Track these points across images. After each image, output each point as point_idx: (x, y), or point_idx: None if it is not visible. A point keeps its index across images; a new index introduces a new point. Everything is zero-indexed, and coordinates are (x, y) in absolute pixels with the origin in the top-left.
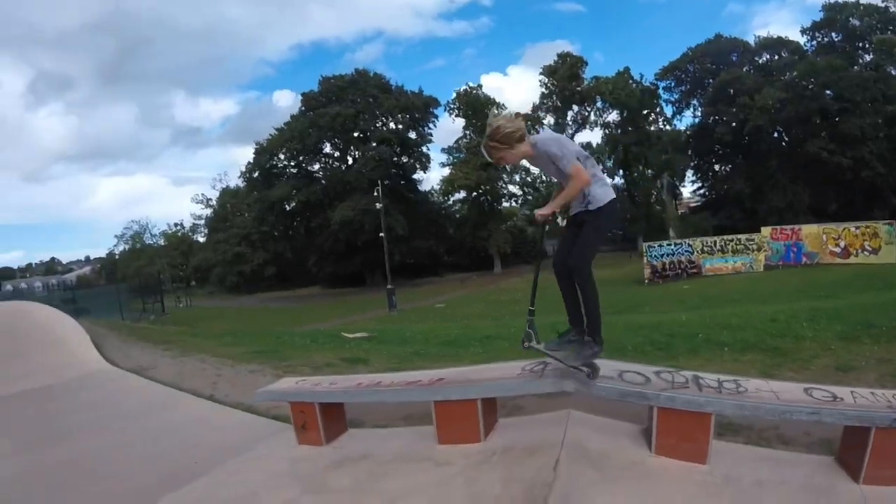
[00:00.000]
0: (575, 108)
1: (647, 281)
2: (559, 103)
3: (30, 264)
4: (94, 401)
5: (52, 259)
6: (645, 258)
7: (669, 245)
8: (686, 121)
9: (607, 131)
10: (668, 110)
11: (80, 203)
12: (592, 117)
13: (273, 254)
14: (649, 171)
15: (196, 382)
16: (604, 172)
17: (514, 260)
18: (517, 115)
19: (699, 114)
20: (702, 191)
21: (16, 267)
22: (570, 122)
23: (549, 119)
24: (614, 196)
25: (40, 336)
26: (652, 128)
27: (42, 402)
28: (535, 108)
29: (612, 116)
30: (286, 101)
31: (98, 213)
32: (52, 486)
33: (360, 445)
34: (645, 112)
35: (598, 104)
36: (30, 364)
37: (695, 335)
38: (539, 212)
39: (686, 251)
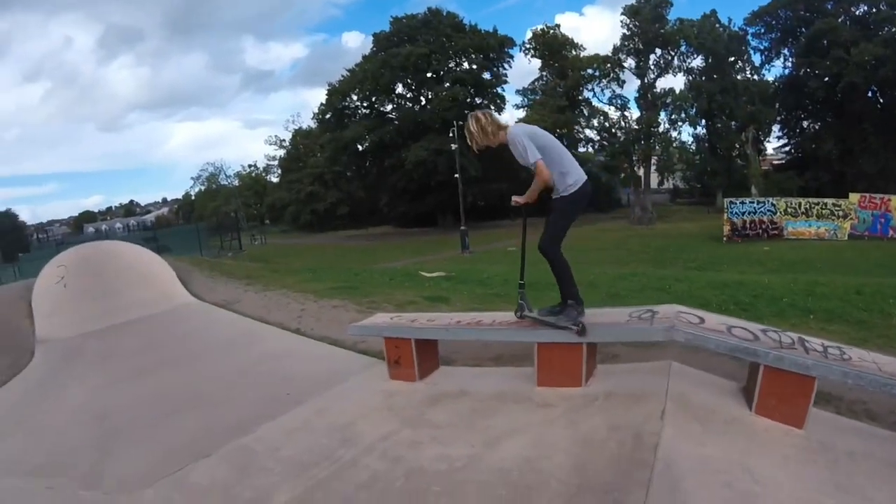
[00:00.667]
0: (658, 51)
1: (725, 238)
2: (641, 45)
3: (110, 208)
4: (186, 332)
5: (131, 202)
6: (725, 214)
7: (752, 203)
8: (775, 71)
9: (691, 78)
10: (756, 59)
11: (156, 148)
12: (676, 62)
13: (345, 193)
14: (733, 122)
15: (281, 316)
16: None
17: (587, 207)
18: (490, 110)
19: (789, 65)
20: (787, 148)
21: (97, 210)
22: (652, 66)
23: (631, 62)
24: (584, 182)
25: (130, 273)
26: (738, 77)
27: (139, 334)
28: (616, 50)
29: (697, 62)
30: (355, 43)
31: (174, 157)
32: (158, 413)
33: (455, 383)
34: (731, 59)
35: (682, 48)
36: (123, 299)
37: (779, 299)
38: (515, 199)
39: (769, 211)
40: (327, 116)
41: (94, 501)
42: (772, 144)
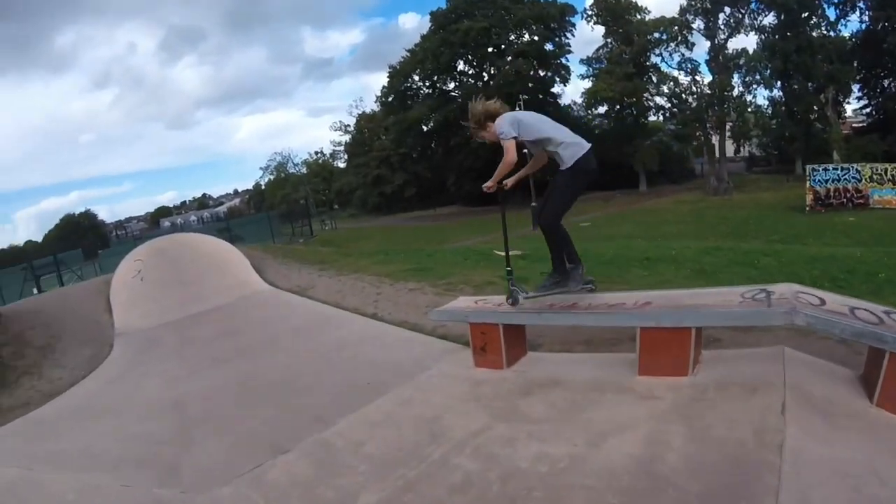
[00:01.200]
0: (727, 9)
1: (808, 208)
2: (709, 4)
3: (184, 202)
4: (262, 320)
5: (204, 195)
6: (808, 182)
7: (835, 169)
8: (851, 26)
9: (763, 37)
10: (831, 13)
11: (225, 142)
12: (746, 20)
13: (412, 174)
14: (810, 83)
15: (357, 301)
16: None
17: (659, 178)
18: (488, 100)
19: (866, 18)
20: (867, 110)
21: (171, 205)
22: (722, 26)
23: (699, 23)
24: (584, 153)
25: (205, 263)
26: (814, 34)
27: (216, 323)
28: (683, 11)
29: (769, 19)
30: (412, 24)
31: (242, 149)
32: (236, 403)
33: (546, 370)
34: (805, 15)
35: (753, 5)
36: (199, 289)
37: (875, 274)
38: (485, 185)
39: (853, 178)
40: (390, 99)
41: (171, 501)
42: (851, 106)
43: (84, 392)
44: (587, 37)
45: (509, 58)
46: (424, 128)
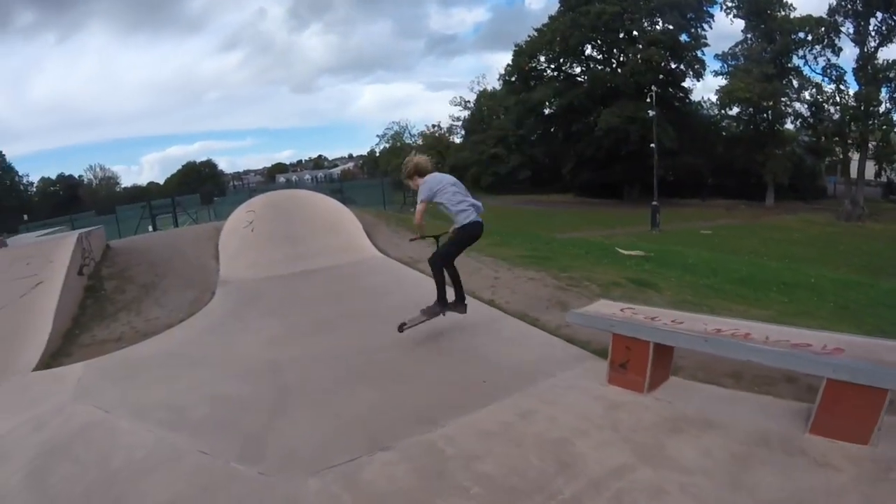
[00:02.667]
0: (879, 14)
1: None
2: (860, 7)
3: (300, 161)
4: (370, 289)
5: (319, 156)
6: None
7: None
8: None
9: None
10: None
11: (345, 108)
12: None
13: (528, 157)
14: None
15: (473, 283)
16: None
17: (787, 193)
18: (420, 156)
19: None
20: None
21: (288, 163)
22: (873, 33)
23: (849, 26)
24: (470, 221)
25: (318, 221)
26: None
27: (322, 285)
28: (832, 11)
29: None
30: (538, 4)
31: (360, 116)
32: (333, 376)
33: (693, 404)
34: None
35: None
36: (308, 247)
37: None
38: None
39: None
40: (512, 79)
41: (248, 480)
42: None
43: (179, 337)
44: (724, 31)
45: (640, 45)
46: (546, 111)
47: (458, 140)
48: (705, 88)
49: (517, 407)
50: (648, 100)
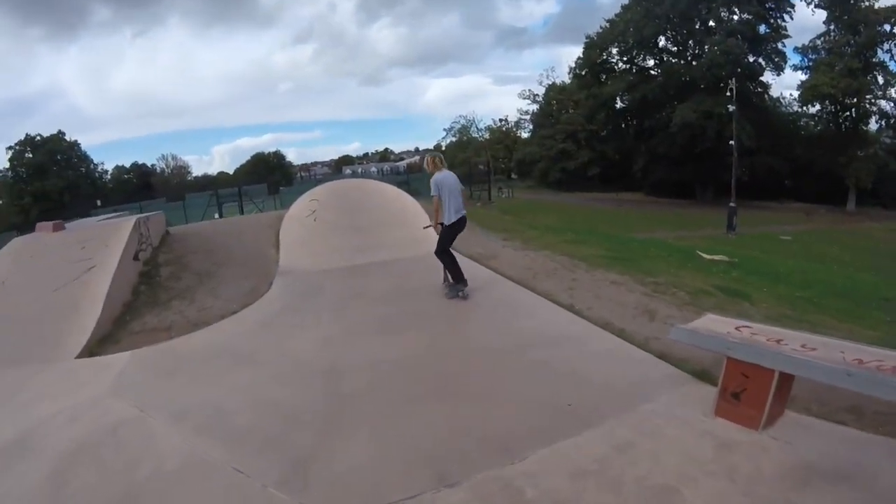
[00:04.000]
0: None
1: None
2: None
3: (367, 153)
4: (440, 286)
5: (386, 149)
6: None
7: None
8: None
9: None
10: None
11: (412, 101)
12: None
13: (598, 153)
14: None
15: (549, 284)
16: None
17: (869, 199)
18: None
19: None
20: None
21: (355, 155)
22: None
23: None
24: (458, 218)
25: (383, 212)
26: None
27: (386, 280)
28: None
29: None
30: None
31: (427, 109)
32: (396, 391)
33: (819, 448)
34: None
35: None
36: (373, 239)
37: None
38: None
39: None
40: (583, 72)
41: None
42: None
43: (230, 331)
44: (804, 22)
45: (717, 36)
46: (618, 105)
47: (525, 135)
48: (782, 85)
49: (612, 437)
50: (728, 93)
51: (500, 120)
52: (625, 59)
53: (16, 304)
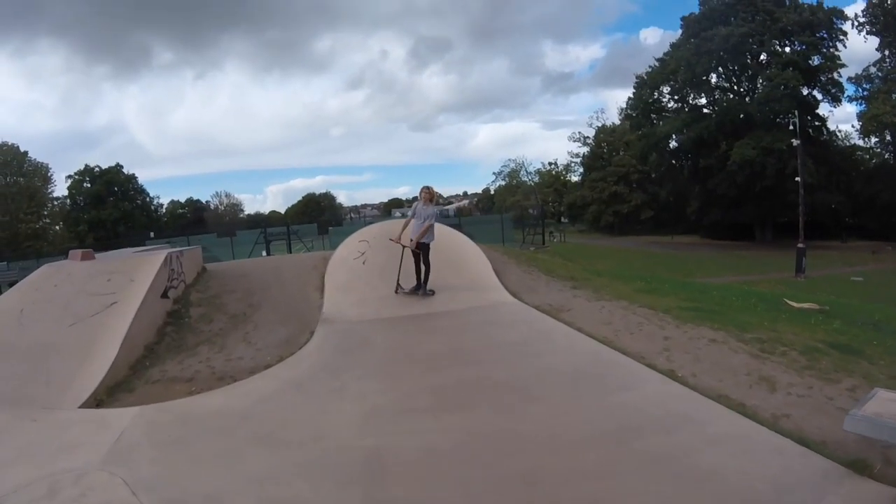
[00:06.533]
0: None
1: None
2: None
3: (415, 197)
4: (508, 345)
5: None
6: None
7: None
8: None
9: None
10: None
11: (461, 146)
12: None
13: (650, 195)
14: None
15: (639, 344)
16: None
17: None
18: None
19: None
20: None
21: (403, 198)
22: None
23: None
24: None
25: (439, 256)
26: None
27: (444, 334)
28: None
29: None
30: (653, 39)
31: (476, 154)
32: (472, 485)
33: None
34: None
35: None
36: (435, 286)
37: None
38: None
39: None
40: (635, 113)
41: None
42: None
43: (258, 392)
44: (856, 51)
45: (770, 70)
46: (671, 145)
47: (575, 178)
48: (835, 118)
49: None
50: (791, 127)
51: (550, 163)
52: (676, 97)
53: (27, 337)
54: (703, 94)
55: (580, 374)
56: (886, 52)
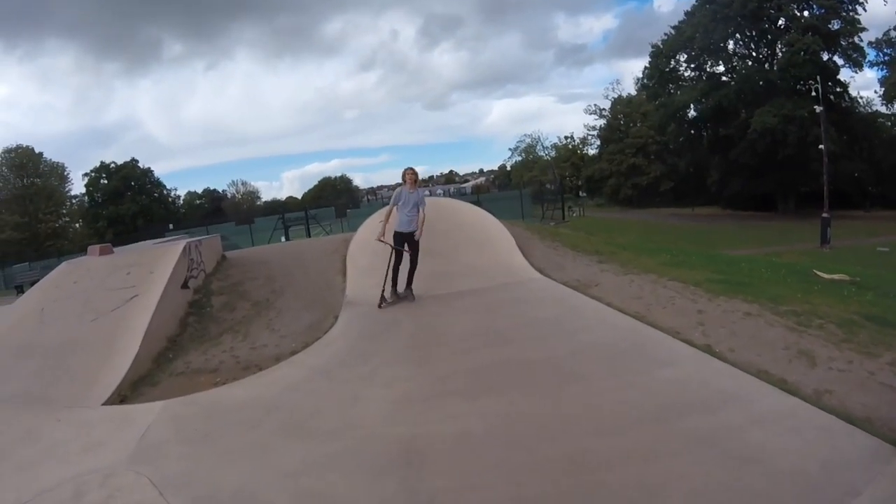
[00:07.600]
0: None
1: None
2: None
3: (432, 176)
4: (538, 324)
5: (451, 171)
6: None
7: None
8: None
9: None
10: None
11: (476, 123)
12: None
13: (670, 166)
14: None
15: (672, 319)
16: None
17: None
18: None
19: None
20: None
21: (420, 178)
22: None
23: None
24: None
25: (463, 234)
26: None
27: (472, 314)
28: None
29: None
30: (668, 7)
31: (491, 131)
32: (515, 474)
33: None
34: None
35: None
36: (453, 263)
37: None
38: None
39: None
40: (651, 82)
41: None
42: None
43: (284, 380)
44: (876, 15)
45: (789, 35)
46: (689, 114)
47: (592, 151)
48: (856, 84)
49: None
50: (814, 94)
51: (566, 137)
52: (693, 65)
53: (49, 335)
54: (720, 62)
55: (616, 352)
56: None
